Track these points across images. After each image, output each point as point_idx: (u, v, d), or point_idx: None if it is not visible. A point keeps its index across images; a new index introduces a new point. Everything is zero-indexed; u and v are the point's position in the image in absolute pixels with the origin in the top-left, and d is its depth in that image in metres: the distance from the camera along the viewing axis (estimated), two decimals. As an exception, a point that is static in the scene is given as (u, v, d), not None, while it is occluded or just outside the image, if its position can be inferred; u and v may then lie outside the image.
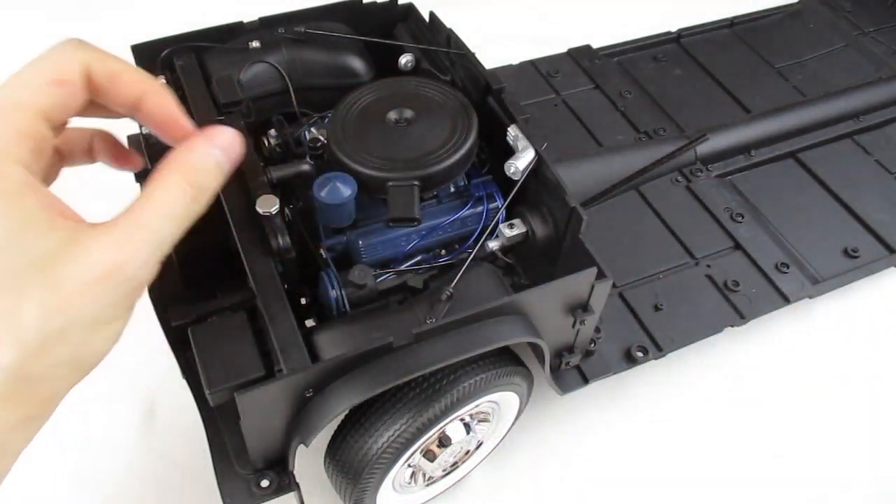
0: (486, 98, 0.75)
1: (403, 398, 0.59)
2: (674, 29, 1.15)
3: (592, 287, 0.62)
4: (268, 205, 0.61)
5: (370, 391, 0.55)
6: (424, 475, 0.68)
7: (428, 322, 0.58)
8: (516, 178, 0.68)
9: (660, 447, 0.79)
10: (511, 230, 0.69)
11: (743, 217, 0.88)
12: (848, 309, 0.90)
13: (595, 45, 1.11)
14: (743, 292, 0.81)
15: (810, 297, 0.82)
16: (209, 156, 0.42)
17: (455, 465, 0.71)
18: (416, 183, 0.65)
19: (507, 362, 0.64)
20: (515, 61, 1.07)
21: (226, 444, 0.63)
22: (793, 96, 1.06)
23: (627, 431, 0.80)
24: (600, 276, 0.62)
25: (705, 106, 1.04)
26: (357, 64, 0.83)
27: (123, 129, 0.54)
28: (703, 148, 0.94)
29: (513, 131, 0.70)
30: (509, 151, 0.70)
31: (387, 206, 0.64)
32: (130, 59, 0.77)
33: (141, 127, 0.69)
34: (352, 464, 0.61)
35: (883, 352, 0.87)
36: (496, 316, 0.59)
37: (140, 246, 0.37)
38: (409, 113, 0.70)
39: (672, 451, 0.79)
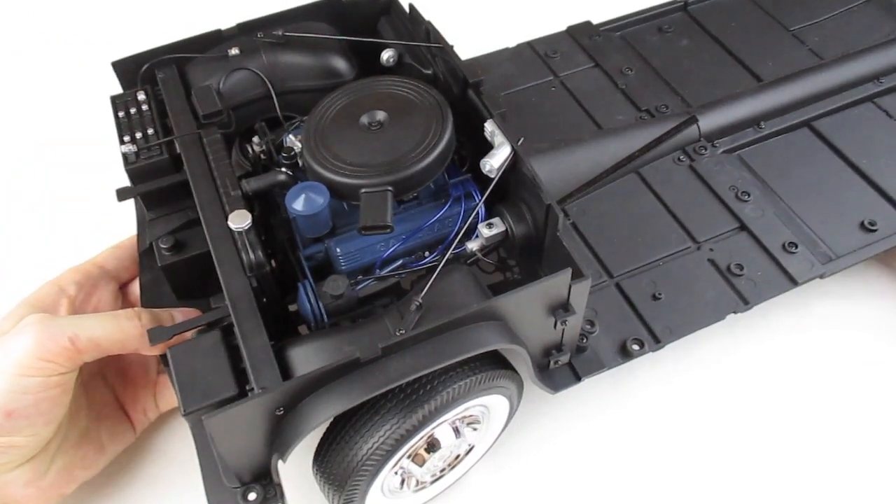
0: (467, 91, 0.74)
1: (382, 409, 0.59)
2: (681, -3, 1.09)
3: (570, 287, 0.60)
4: (240, 221, 0.61)
5: (341, 407, 0.54)
6: (415, 480, 0.68)
7: (397, 334, 0.57)
8: (492, 176, 0.66)
9: (661, 440, 0.78)
10: (490, 230, 0.67)
11: (749, 195, 0.84)
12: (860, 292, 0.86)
13: (597, 21, 1.06)
14: (747, 276, 0.77)
15: (821, 277, 0.78)
16: None
17: (445, 470, 0.70)
18: (388, 189, 0.64)
19: (489, 366, 0.62)
20: (513, 43, 1.04)
21: (215, 460, 0.64)
22: (809, 60, 1.00)
23: (627, 425, 0.79)
24: (577, 275, 0.60)
25: (713, 77, 0.99)
26: (339, 63, 0.82)
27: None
28: (708, 123, 0.90)
29: (489, 126, 0.68)
30: (489, 147, 0.68)
31: (359, 214, 0.63)
32: (112, 75, 0.78)
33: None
34: (337, 472, 0.61)
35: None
36: (470, 323, 0.58)
37: None
38: (381, 115, 0.69)
39: (675, 443, 0.77)
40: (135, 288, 0.77)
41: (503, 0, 1.32)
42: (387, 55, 0.81)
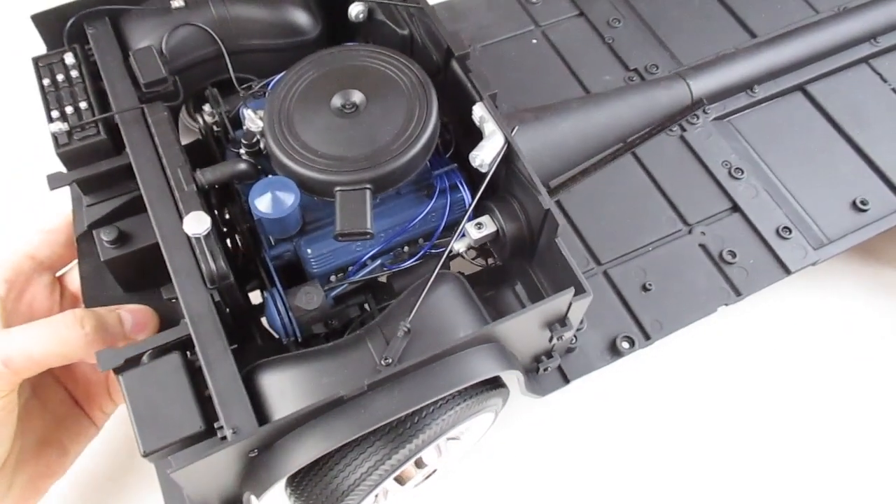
0: (450, 62, 0.65)
1: (367, 445, 0.54)
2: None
3: (570, 304, 0.55)
4: (197, 225, 0.54)
5: (322, 449, 0.49)
6: (391, 495, 0.64)
7: (383, 363, 0.51)
8: (483, 171, 0.59)
9: (649, 435, 0.76)
10: (479, 231, 0.61)
11: (743, 172, 0.79)
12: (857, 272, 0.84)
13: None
14: (739, 264, 0.74)
15: (813, 264, 0.75)
16: None
17: (420, 481, 0.67)
18: (367, 187, 0.57)
19: (481, 390, 0.58)
20: (489, -18, 0.94)
21: (182, 494, 0.58)
22: (804, 11, 0.94)
23: (613, 420, 0.76)
24: (579, 291, 0.55)
25: (705, 30, 0.92)
26: (300, 18, 0.72)
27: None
28: (700, 88, 0.84)
29: (478, 111, 0.61)
30: (476, 129, 0.61)
31: (335, 218, 0.56)
32: (32, 29, 0.66)
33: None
34: (316, 500, 0.57)
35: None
36: (463, 349, 0.53)
37: None
38: (357, 97, 0.60)
39: (661, 435, 0.76)
40: (73, 276, 0.68)
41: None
42: (356, 10, 0.71)
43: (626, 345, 0.69)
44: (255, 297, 0.65)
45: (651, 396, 0.78)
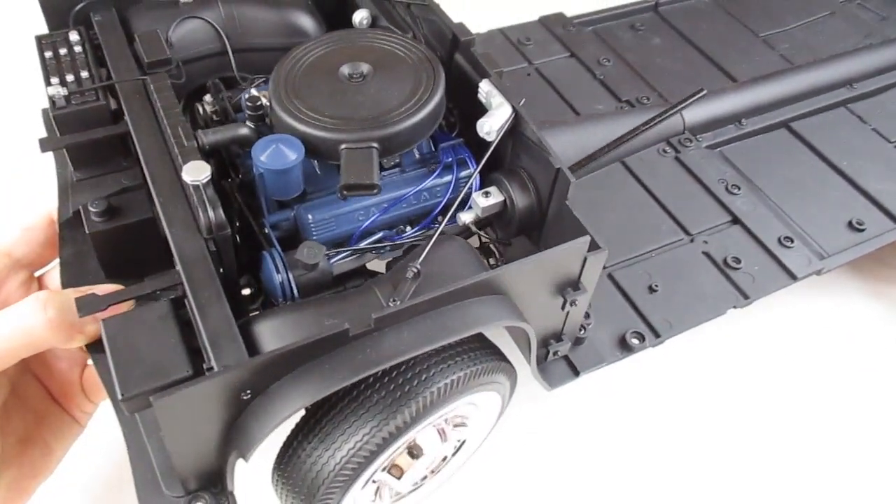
0: (454, 55, 0.66)
1: (366, 401, 0.49)
2: (651, -3, 1.07)
3: (585, 260, 0.53)
4: (196, 173, 0.51)
5: (323, 390, 0.45)
6: (391, 491, 0.58)
7: (391, 304, 0.48)
8: (490, 139, 0.58)
9: (656, 437, 0.71)
10: (486, 199, 0.59)
11: (739, 188, 0.80)
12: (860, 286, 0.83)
13: (569, 14, 1.02)
14: (745, 270, 0.72)
15: (818, 273, 0.74)
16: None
17: (427, 478, 0.61)
18: (374, 145, 0.55)
19: (488, 357, 0.54)
20: (483, 29, 0.98)
21: (151, 461, 0.52)
22: (780, 65, 0.99)
23: (622, 420, 0.72)
24: (593, 247, 0.53)
25: (689, 75, 0.96)
26: (305, 21, 0.73)
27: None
28: (692, 116, 0.86)
29: (485, 86, 0.61)
30: (482, 112, 0.61)
31: (340, 173, 0.54)
32: (39, 15, 0.66)
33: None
34: (304, 482, 0.51)
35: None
36: (472, 296, 0.50)
37: None
38: (365, 67, 0.60)
39: (672, 442, 0.71)
40: (53, 276, 0.64)
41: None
42: (360, 17, 0.73)
43: (635, 340, 0.65)
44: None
45: (659, 401, 0.75)
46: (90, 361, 0.58)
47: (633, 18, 1.04)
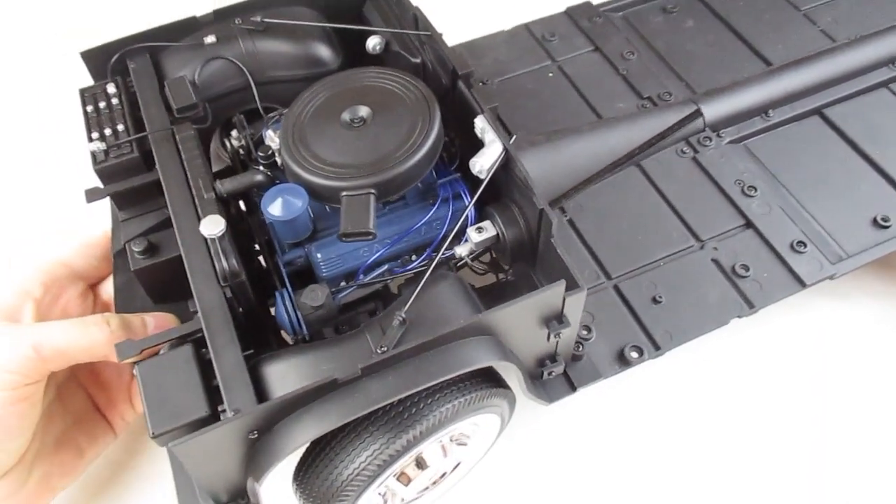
0: (457, 83, 0.69)
1: (364, 433, 0.55)
2: (686, -26, 1.04)
3: (564, 299, 0.57)
4: (212, 227, 0.58)
5: (318, 431, 0.51)
6: (399, 498, 0.65)
7: (379, 351, 0.53)
8: (482, 177, 0.62)
9: (658, 449, 0.74)
10: (479, 234, 0.63)
11: (756, 190, 0.80)
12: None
13: (596, 1, 1.01)
14: (753, 277, 0.73)
15: (831, 277, 0.74)
16: None
17: (428, 488, 0.67)
18: (371, 192, 0.60)
19: (480, 386, 0.59)
20: (510, 25, 0.99)
21: (190, 477, 0.61)
22: (820, 41, 0.95)
23: (623, 436, 0.75)
24: (572, 286, 0.56)
25: (720, 60, 0.94)
26: (322, 51, 0.77)
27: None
28: (713, 112, 0.85)
29: (479, 123, 0.64)
30: (481, 143, 0.64)
31: (340, 219, 0.59)
32: (81, 66, 0.73)
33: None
34: (318, 493, 0.58)
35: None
36: (458, 338, 0.54)
37: None
38: (364, 111, 0.64)
39: (675, 454, 0.74)
40: (107, 288, 0.73)
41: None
42: (372, 43, 0.77)
43: (634, 354, 0.69)
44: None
45: (662, 412, 0.77)
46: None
47: (666, 0, 1.02)
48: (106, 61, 0.73)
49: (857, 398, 0.77)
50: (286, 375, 0.55)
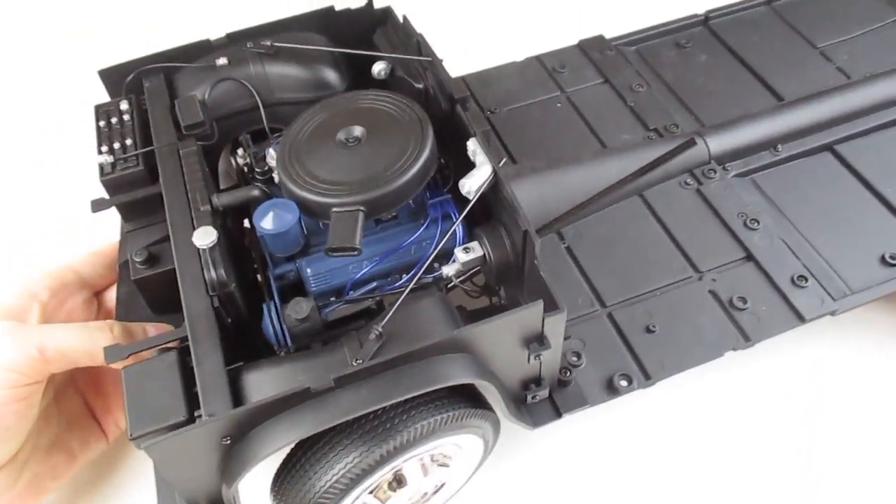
0: (455, 108, 0.70)
1: (338, 444, 0.56)
2: (701, 11, 1.04)
3: (543, 320, 0.57)
4: (204, 237, 0.59)
5: (290, 439, 0.52)
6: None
7: (354, 363, 0.54)
8: (470, 198, 0.62)
9: (647, 481, 0.73)
10: (466, 255, 0.64)
11: (758, 223, 0.79)
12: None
13: (612, 35, 1.02)
14: (751, 310, 0.72)
15: (832, 314, 0.73)
16: None
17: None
18: (360, 209, 0.61)
19: (459, 405, 0.59)
20: (524, 56, 1.01)
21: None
22: (835, 78, 0.94)
23: (610, 463, 0.74)
24: (551, 307, 0.56)
25: (732, 95, 0.94)
26: (329, 75, 0.79)
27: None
28: (718, 145, 0.85)
29: (471, 145, 0.65)
30: (474, 166, 0.65)
31: (328, 235, 0.61)
32: (98, 84, 0.77)
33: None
34: (294, 502, 0.58)
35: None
36: (433, 355, 0.55)
37: None
38: (358, 131, 0.66)
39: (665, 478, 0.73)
40: (111, 297, 0.75)
41: (515, 13, 1.29)
42: (378, 68, 0.78)
43: (623, 382, 0.68)
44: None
45: (653, 443, 0.75)
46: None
47: (680, 35, 1.03)
48: (122, 79, 0.77)
49: (851, 435, 0.74)
50: (262, 384, 0.55)
